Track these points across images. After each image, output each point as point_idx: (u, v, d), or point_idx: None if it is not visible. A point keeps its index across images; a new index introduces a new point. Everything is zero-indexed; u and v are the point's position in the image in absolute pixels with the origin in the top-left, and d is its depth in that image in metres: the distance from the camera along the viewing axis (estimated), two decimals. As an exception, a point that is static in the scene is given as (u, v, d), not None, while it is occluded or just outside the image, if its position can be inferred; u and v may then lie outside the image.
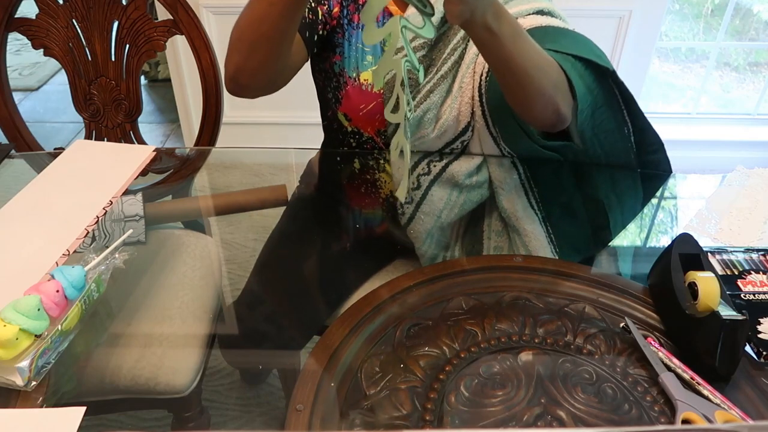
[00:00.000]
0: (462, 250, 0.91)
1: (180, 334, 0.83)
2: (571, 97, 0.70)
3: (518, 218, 0.85)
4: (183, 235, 0.99)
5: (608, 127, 0.81)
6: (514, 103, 0.69)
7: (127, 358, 0.77)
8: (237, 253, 1.04)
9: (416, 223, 0.86)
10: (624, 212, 0.91)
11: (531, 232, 0.85)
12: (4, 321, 0.57)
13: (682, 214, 0.90)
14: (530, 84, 0.65)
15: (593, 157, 0.83)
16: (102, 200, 0.83)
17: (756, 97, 2.41)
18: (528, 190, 0.86)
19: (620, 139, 0.83)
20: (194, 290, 0.89)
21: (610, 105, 0.80)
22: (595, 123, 0.79)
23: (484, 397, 0.56)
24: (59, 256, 0.73)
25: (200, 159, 1.11)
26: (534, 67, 0.64)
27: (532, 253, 0.85)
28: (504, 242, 0.88)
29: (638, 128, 0.83)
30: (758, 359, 0.59)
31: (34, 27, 1.12)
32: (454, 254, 0.90)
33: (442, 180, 0.84)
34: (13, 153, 1.04)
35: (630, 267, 0.89)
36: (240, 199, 1.01)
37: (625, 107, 0.81)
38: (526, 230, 0.85)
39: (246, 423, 0.67)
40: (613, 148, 0.84)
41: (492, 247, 0.88)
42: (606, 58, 0.75)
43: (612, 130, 0.82)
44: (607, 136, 0.82)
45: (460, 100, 0.79)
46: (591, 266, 0.76)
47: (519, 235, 0.86)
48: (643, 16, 1.99)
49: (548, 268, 0.73)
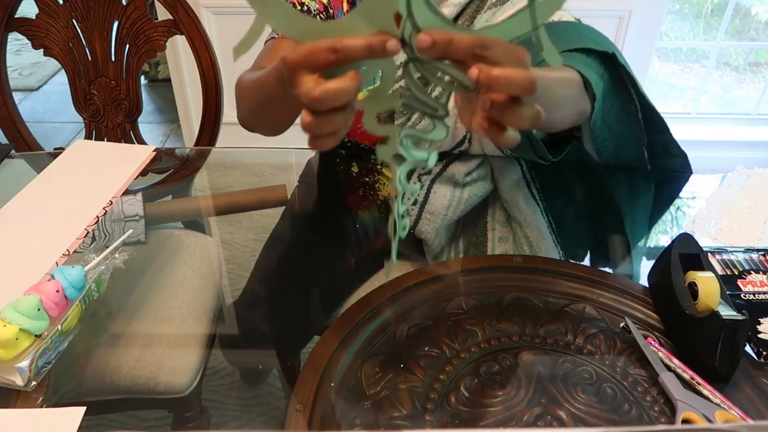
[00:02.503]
0: (466, 242, 0.90)
1: (180, 334, 0.83)
2: (587, 93, 0.69)
3: (520, 210, 0.85)
4: (183, 235, 0.99)
5: (616, 110, 0.79)
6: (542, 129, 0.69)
7: (127, 358, 0.77)
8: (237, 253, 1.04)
9: (423, 224, 0.86)
10: (634, 202, 0.89)
11: (532, 223, 0.85)
12: (4, 321, 0.57)
13: (682, 214, 0.90)
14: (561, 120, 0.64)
15: (602, 148, 0.81)
16: (102, 200, 0.83)
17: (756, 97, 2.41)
18: (529, 181, 0.86)
19: (627, 120, 0.80)
20: (194, 290, 0.89)
21: (617, 88, 0.78)
22: (604, 108, 0.77)
23: (484, 397, 0.56)
24: (59, 256, 0.73)
25: (200, 159, 1.11)
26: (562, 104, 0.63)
27: (533, 244, 0.84)
28: (508, 233, 0.88)
29: (645, 107, 0.82)
30: (758, 359, 0.59)
31: (34, 27, 1.12)
32: (458, 246, 0.90)
33: (443, 178, 0.84)
34: (13, 153, 1.03)
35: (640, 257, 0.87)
36: (240, 199, 1.01)
37: (631, 87, 0.79)
38: (528, 221, 0.85)
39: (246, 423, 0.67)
40: (621, 130, 0.81)
41: (497, 237, 0.88)
42: (607, 42, 0.73)
43: (619, 112, 0.79)
44: (615, 119, 0.80)
45: (454, 118, 0.79)
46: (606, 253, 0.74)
47: (521, 227, 0.86)
48: (643, 16, 1.99)
49: (548, 268, 0.73)
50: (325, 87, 0.40)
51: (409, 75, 0.44)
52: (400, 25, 0.41)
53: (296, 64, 0.42)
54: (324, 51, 0.40)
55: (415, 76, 0.45)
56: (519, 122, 0.42)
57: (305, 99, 0.41)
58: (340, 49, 0.40)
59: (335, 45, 0.40)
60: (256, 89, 0.67)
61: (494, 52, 0.40)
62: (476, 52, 0.40)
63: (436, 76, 0.44)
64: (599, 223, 0.90)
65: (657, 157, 0.84)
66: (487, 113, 0.43)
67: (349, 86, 0.41)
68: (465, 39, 0.40)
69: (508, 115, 0.42)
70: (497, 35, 0.41)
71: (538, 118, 0.42)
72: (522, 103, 0.42)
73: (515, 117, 0.42)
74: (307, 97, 0.41)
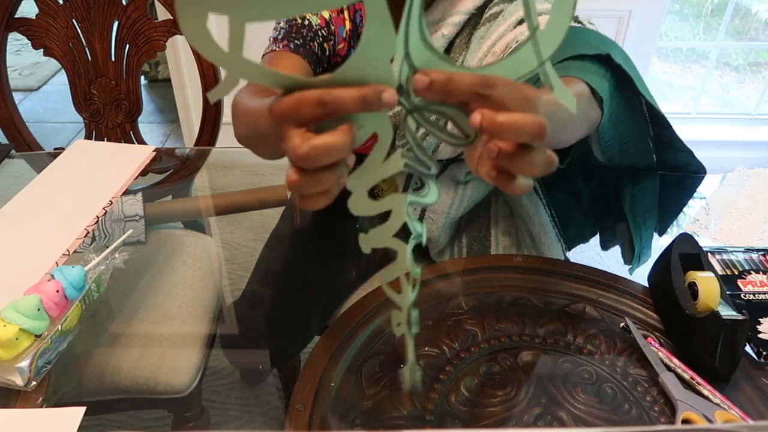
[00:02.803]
0: (469, 237, 0.90)
1: (180, 334, 0.83)
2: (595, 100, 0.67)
3: (522, 205, 0.85)
4: (183, 235, 0.99)
5: (621, 107, 0.77)
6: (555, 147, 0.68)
7: (127, 358, 0.77)
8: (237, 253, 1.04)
9: (426, 223, 0.86)
10: (637, 196, 0.88)
11: (535, 218, 0.85)
12: (4, 321, 0.57)
13: (682, 214, 0.90)
14: (574, 137, 0.63)
15: (608, 146, 0.79)
16: (102, 200, 0.83)
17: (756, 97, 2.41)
18: None
19: (633, 115, 0.78)
20: (194, 290, 0.89)
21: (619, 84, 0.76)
22: (611, 107, 0.74)
23: (484, 397, 0.56)
24: (59, 256, 0.73)
25: (200, 159, 1.11)
26: (575, 122, 0.60)
27: (536, 238, 0.84)
28: (512, 227, 0.88)
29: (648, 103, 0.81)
30: (758, 359, 0.59)
31: (34, 27, 1.12)
32: (462, 242, 0.90)
33: (444, 178, 0.84)
34: (13, 153, 1.04)
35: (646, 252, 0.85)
36: (240, 199, 1.01)
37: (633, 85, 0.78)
38: (530, 216, 0.85)
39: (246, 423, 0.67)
40: (626, 125, 0.79)
41: (500, 232, 0.88)
42: (599, 40, 0.70)
43: (624, 108, 0.77)
44: (620, 116, 0.78)
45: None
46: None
47: (524, 222, 0.86)
48: (643, 16, 1.99)
49: (548, 268, 0.73)
50: (313, 143, 0.35)
51: (409, 130, 0.40)
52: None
53: (281, 118, 0.37)
54: (311, 104, 0.35)
55: (413, 129, 0.40)
56: (530, 171, 0.38)
57: (291, 156, 0.37)
58: (330, 102, 0.35)
59: (324, 98, 0.35)
60: (249, 122, 0.64)
61: (498, 91, 0.36)
62: (479, 92, 0.36)
63: (435, 126, 0.39)
64: (602, 217, 0.89)
65: (663, 150, 0.83)
66: (494, 162, 0.38)
67: (342, 142, 0.36)
68: (466, 78, 0.36)
69: (518, 163, 0.37)
70: (500, 73, 0.37)
71: (551, 163, 0.38)
72: (532, 149, 0.37)
73: (526, 165, 0.37)
74: (293, 154, 0.36)
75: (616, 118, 0.75)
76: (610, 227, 0.90)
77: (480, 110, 0.36)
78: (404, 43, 0.35)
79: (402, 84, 0.37)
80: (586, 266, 0.73)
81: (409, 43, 0.35)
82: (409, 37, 0.35)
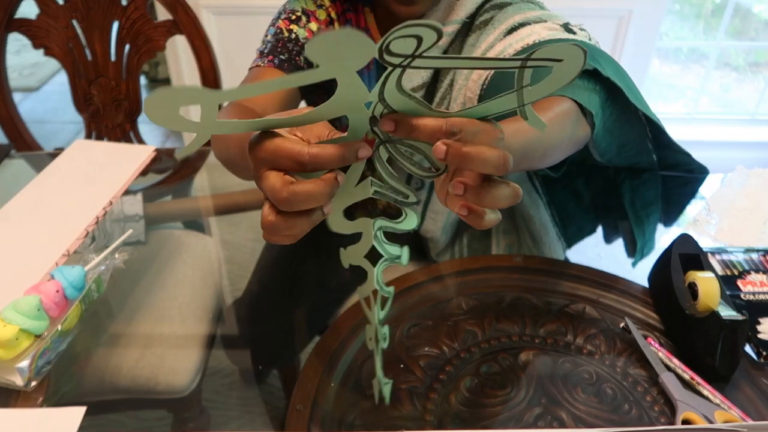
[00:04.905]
0: (470, 236, 0.90)
1: (180, 334, 0.83)
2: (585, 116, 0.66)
3: (523, 203, 0.85)
4: (183, 235, 0.99)
5: (615, 115, 0.76)
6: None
7: (127, 358, 0.77)
8: (237, 253, 1.04)
9: (428, 223, 0.86)
10: (638, 195, 0.88)
11: (536, 217, 0.84)
12: (4, 321, 0.57)
13: (682, 215, 0.90)
14: (561, 157, 0.63)
15: (605, 150, 0.79)
16: (102, 200, 0.83)
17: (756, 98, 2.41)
18: (532, 174, 0.85)
19: (628, 121, 0.78)
20: (194, 290, 0.89)
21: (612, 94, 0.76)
22: (605, 117, 0.74)
23: (484, 397, 0.56)
24: (59, 256, 0.73)
25: (200, 159, 1.11)
26: (560, 144, 0.60)
27: (537, 237, 0.84)
28: (512, 226, 0.88)
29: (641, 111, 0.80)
30: (758, 359, 0.59)
31: (34, 27, 1.12)
32: (462, 241, 0.90)
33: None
34: (13, 153, 1.04)
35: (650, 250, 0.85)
36: (240, 199, 1.01)
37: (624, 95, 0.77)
38: (531, 215, 0.85)
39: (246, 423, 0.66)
40: (623, 131, 0.78)
41: (500, 231, 0.88)
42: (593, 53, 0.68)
43: (619, 116, 0.77)
44: (616, 124, 0.78)
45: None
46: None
47: (524, 220, 0.86)
48: (643, 16, 1.99)
49: (548, 268, 0.73)
50: (293, 190, 0.35)
51: (379, 159, 0.40)
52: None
53: (260, 162, 0.37)
54: (290, 160, 0.36)
55: (385, 158, 0.40)
56: (496, 204, 0.38)
57: (270, 197, 0.37)
58: (308, 163, 0.35)
59: (302, 158, 0.35)
60: (223, 147, 0.63)
61: (464, 135, 0.37)
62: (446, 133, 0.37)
63: (407, 158, 0.40)
64: (603, 216, 0.89)
65: (662, 150, 0.83)
66: (461, 199, 0.39)
67: (324, 192, 0.36)
68: (430, 123, 0.37)
69: (484, 197, 0.38)
70: (480, 113, 0.38)
71: (516, 196, 0.39)
72: (497, 183, 0.38)
73: (491, 199, 0.38)
74: (273, 196, 0.36)
75: (611, 126, 0.74)
76: (612, 222, 0.90)
77: (444, 140, 0.37)
78: (379, 91, 0.36)
79: (376, 116, 0.38)
80: (586, 266, 0.73)
81: (385, 92, 0.36)
82: (385, 88, 0.35)
